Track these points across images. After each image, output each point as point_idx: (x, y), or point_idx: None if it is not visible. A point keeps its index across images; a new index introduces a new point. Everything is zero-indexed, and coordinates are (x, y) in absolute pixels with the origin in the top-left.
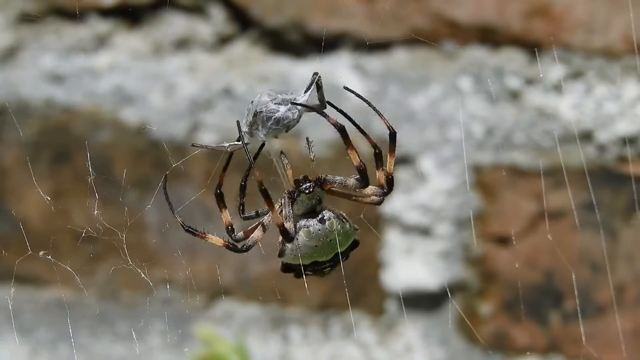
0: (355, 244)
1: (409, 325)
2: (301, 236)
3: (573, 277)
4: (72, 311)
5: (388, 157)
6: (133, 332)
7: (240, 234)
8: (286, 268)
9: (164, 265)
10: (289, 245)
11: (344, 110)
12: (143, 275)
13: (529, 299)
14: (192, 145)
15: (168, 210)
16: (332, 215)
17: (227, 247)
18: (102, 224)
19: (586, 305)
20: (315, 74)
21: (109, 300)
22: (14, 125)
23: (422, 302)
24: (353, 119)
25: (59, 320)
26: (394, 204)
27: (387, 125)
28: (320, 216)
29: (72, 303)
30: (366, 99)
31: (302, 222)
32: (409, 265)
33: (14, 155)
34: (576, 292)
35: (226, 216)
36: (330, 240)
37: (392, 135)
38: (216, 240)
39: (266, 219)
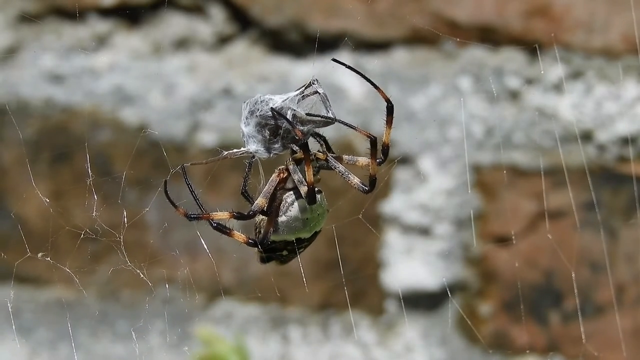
0: (320, 229)
1: (409, 325)
2: (295, 207)
3: (573, 276)
4: (72, 311)
5: (385, 128)
6: (133, 332)
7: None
8: (266, 250)
9: (163, 265)
10: (280, 219)
11: (342, 118)
12: (142, 276)
13: (529, 298)
14: (191, 164)
15: (168, 210)
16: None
17: (234, 216)
18: (100, 225)
19: (586, 305)
20: (315, 81)
21: (109, 300)
22: (14, 125)
23: (422, 302)
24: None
25: (58, 320)
26: (394, 204)
27: (384, 98)
28: (316, 188)
29: (72, 303)
30: (362, 72)
31: (298, 193)
32: (408, 265)
33: (13, 155)
34: (576, 292)
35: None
36: (319, 214)
37: (390, 108)
38: (222, 215)
39: (267, 187)
